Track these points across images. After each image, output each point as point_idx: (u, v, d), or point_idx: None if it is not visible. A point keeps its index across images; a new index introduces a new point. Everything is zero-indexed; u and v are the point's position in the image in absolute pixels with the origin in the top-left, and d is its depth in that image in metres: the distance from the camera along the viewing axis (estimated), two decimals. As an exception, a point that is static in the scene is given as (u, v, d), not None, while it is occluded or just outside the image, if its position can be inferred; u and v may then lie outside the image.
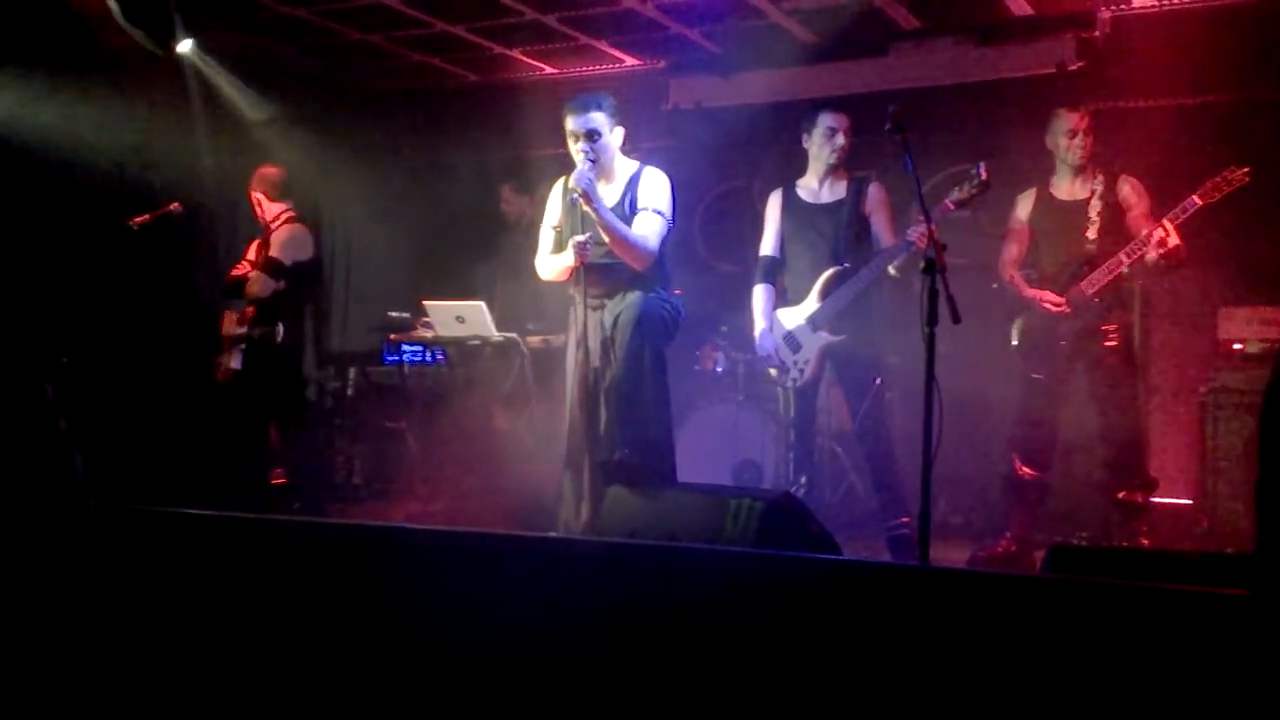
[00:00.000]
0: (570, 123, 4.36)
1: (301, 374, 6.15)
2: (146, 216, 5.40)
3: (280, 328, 5.48)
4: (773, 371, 5.00)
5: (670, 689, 2.65)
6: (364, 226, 7.73)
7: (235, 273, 5.69)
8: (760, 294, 5.07)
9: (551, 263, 4.53)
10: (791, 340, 4.92)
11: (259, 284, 5.50)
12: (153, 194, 5.61)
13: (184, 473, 5.54)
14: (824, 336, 4.82)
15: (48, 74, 5.53)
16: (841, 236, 4.85)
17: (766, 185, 6.73)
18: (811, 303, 4.87)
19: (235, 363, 5.47)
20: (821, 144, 4.92)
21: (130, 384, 5.71)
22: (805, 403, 4.94)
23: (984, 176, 4.44)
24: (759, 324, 5.04)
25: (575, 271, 4.35)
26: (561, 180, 4.61)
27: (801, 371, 4.88)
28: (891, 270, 4.69)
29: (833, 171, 4.94)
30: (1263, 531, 1.87)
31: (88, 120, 5.58)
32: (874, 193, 4.91)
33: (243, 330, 5.47)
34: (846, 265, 4.80)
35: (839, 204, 4.92)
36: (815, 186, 5.00)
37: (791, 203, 5.03)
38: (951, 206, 4.54)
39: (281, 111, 6.71)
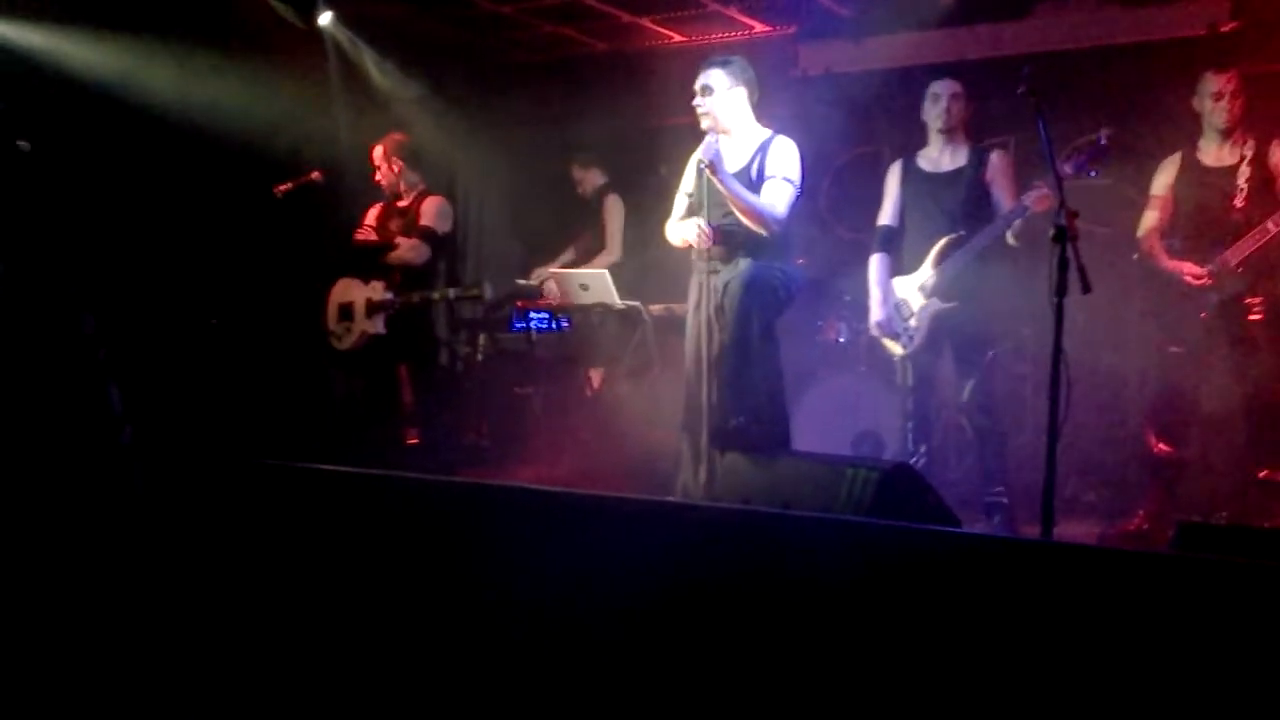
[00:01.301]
0: (695, 81, 4.48)
1: (436, 339, 6.34)
2: (289, 184, 5.61)
3: (488, 286, 5.66)
4: (887, 342, 4.96)
5: (781, 657, 2.67)
6: (497, 197, 7.88)
7: (365, 238, 5.79)
8: (876, 263, 5.05)
9: (677, 230, 4.60)
10: (904, 308, 4.89)
11: (415, 251, 5.64)
12: (295, 163, 5.82)
13: (325, 432, 5.79)
14: (935, 304, 4.78)
15: (193, 46, 5.77)
16: (960, 204, 4.79)
17: (895, 152, 6.63)
18: (926, 270, 4.83)
19: (379, 327, 5.64)
20: (928, 110, 4.93)
21: (273, 347, 5.97)
22: (920, 371, 4.90)
23: (1104, 143, 4.29)
24: (874, 293, 5.02)
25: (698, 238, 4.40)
26: (698, 151, 4.66)
27: (911, 339, 4.84)
28: (1010, 239, 4.60)
29: (947, 138, 4.89)
30: None
31: (231, 91, 5.83)
32: (996, 161, 4.83)
33: (389, 296, 5.63)
34: (963, 233, 4.73)
35: (959, 172, 4.86)
36: (935, 155, 4.97)
37: (911, 172, 5.00)
38: (1069, 171, 4.36)
39: (417, 85, 6.88)
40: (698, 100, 4.45)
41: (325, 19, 6.23)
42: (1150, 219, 4.81)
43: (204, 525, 3.15)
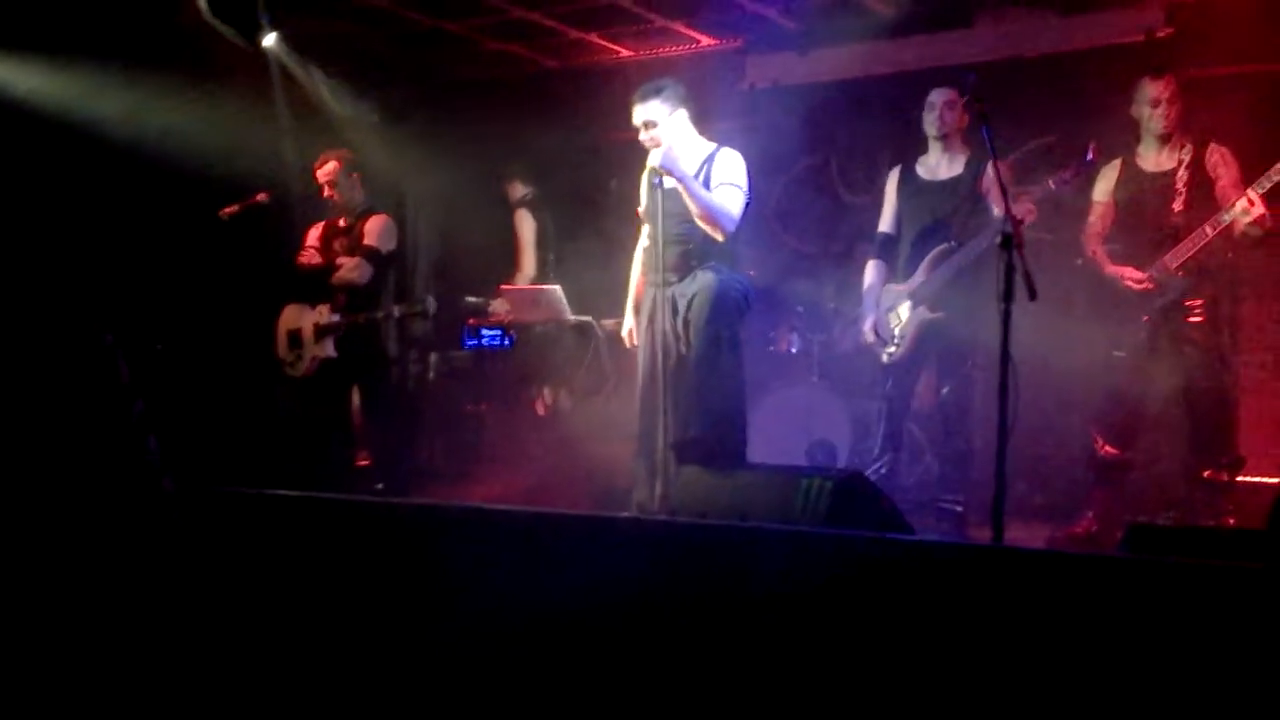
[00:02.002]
0: (633, 115, 4.49)
1: (387, 359, 6.29)
2: (235, 207, 5.55)
3: (431, 301, 5.60)
4: (878, 348, 4.98)
5: (740, 669, 2.67)
6: (445, 214, 7.84)
7: (309, 260, 5.74)
8: (871, 269, 5.11)
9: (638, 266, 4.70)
10: (892, 314, 4.94)
11: (359, 271, 5.60)
12: (239, 186, 5.76)
13: (273, 457, 5.71)
14: (923, 313, 4.83)
15: (136, 68, 5.70)
16: (955, 214, 4.84)
17: (845, 163, 6.68)
18: (917, 278, 4.88)
19: (329, 350, 5.58)
20: (925, 118, 4.98)
21: (220, 371, 5.89)
22: (900, 379, 4.95)
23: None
24: (866, 299, 5.07)
25: (647, 250, 4.42)
26: (648, 169, 4.67)
27: (897, 345, 4.87)
28: None
29: (944, 145, 4.95)
30: None
31: (176, 114, 5.76)
32: (991, 170, 4.87)
33: (335, 318, 5.58)
34: (955, 243, 4.78)
35: (955, 181, 4.91)
36: (933, 163, 5.02)
37: (908, 180, 5.05)
38: (1053, 186, 4.48)
39: (364, 104, 6.84)
40: (644, 136, 4.46)
41: (269, 40, 6.17)
42: (1092, 224, 4.88)
43: (158, 553, 3.10)
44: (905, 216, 5.02)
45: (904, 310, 4.90)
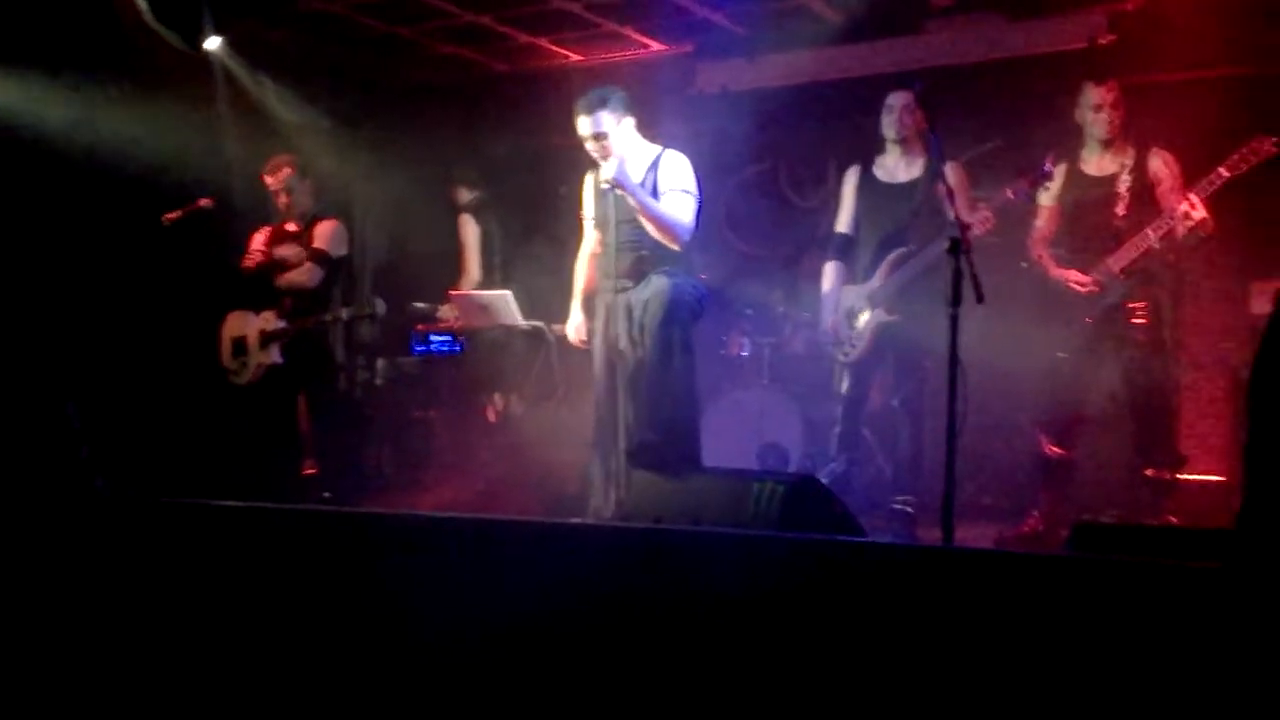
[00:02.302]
0: (578, 126, 4.44)
1: (334, 365, 6.22)
2: (178, 213, 5.47)
3: (379, 303, 5.49)
4: (836, 350, 5.00)
5: (694, 673, 2.66)
6: (394, 219, 7.78)
7: (255, 263, 5.66)
8: (829, 271, 5.12)
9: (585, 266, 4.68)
10: (851, 316, 4.97)
11: (308, 274, 5.55)
12: (183, 191, 5.68)
13: (218, 467, 5.62)
14: (881, 315, 4.86)
15: (78, 72, 5.60)
16: (913, 217, 4.87)
17: (794, 168, 6.71)
18: (875, 281, 4.90)
19: (275, 357, 5.51)
20: (883, 120, 5.00)
21: (163, 380, 5.79)
22: (857, 380, 4.98)
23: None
24: (824, 300, 5.08)
25: (600, 257, 4.42)
26: (590, 173, 4.66)
27: (854, 346, 4.90)
28: None
29: (903, 148, 4.97)
30: (1249, 497, 1.86)
31: (118, 118, 5.66)
32: (949, 173, 4.90)
33: (282, 324, 5.50)
34: (913, 247, 4.81)
35: (913, 184, 4.94)
36: (891, 165, 5.04)
37: (867, 182, 5.06)
38: (1011, 196, 4.52)
39: (311, 108, 6.77)
40: (594, 147, 4.42)
41: (213, 44, 6.08)
42: (1037, 227, 4.94)
43: (101, 564, 3.03)
44: (864, 218, 5.04)
45: (863, 312, 4.92)
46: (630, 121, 4.48)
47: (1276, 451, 1.86)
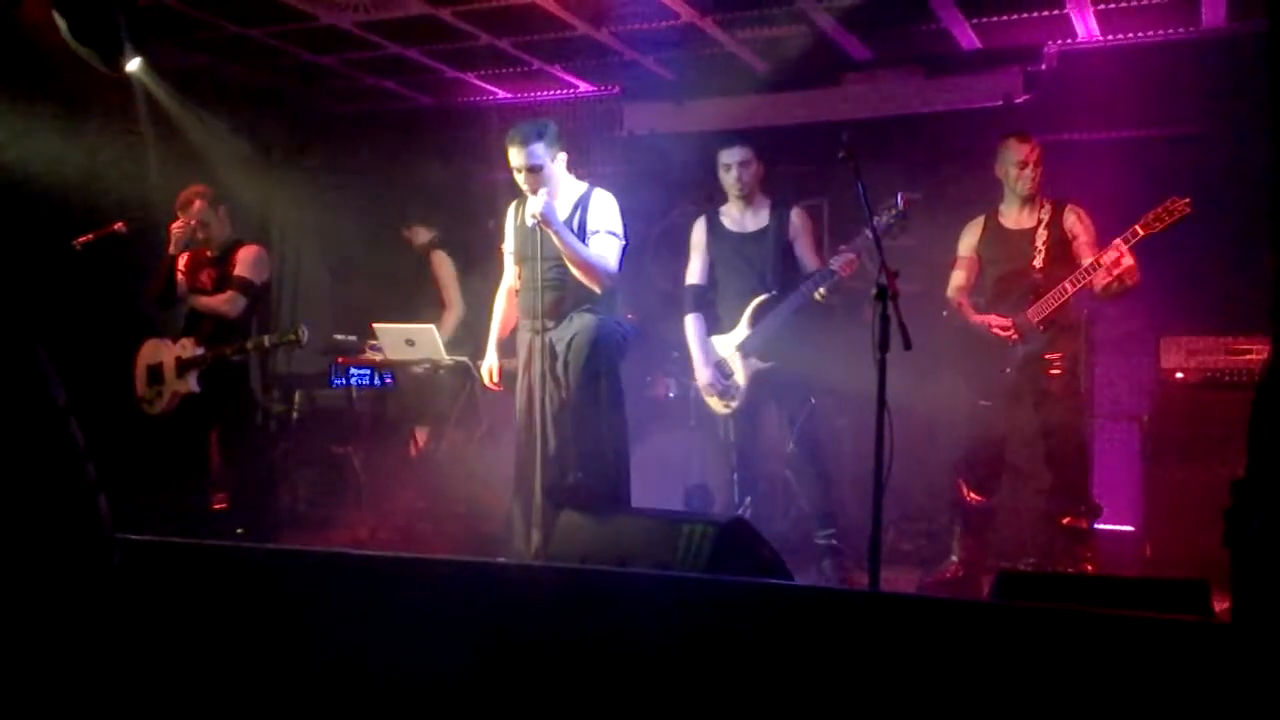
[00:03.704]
0: (512, 156, 4.41)
1: (251, 396, 6.06)
2: (90, 236, 5.31)
3: (304, 330, 5.32)
4: (713, 400, 5.05)
5: (621, 716, 2.62)
6: (312, 249, 7.66)
7: (157, 291, 5.51)
8: (692, 323, 5.12)
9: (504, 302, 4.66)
10: (724, 367, 5.00)
11: (231, 304, 5.44)
12: (100, 214, 5.51)
13: (126, 499, 5.41)
14: (754, 363, 4.91)
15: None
16: (768, 263, 4.94)
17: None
18: (741, 330, 4.94)
19: (191, 385, 5.35)
20: (722, 178, 5.08)
21: (75, 408, 5.56)
22: (743, 427, 5.02)
23: (902, 206, 4.50)
24: (695, 354, 5.09)
25: (521, 294, 4.39)
26: (514, 205, 4.64)
27: (735, 397, 4.93)
28: (817, 296, 4.75)
29: (746, 201, 5.03)
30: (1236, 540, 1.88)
31: (34, 139, 5.49)
32: (795, 219, 5.01)
33: (200, 351, 5.36)
34: (775, 293, 4.88)
35: (763, 231, 5.01)
36: (737, 215, 5.10)
37: (716, 231, 5.11)
38: (869, 235, 4.53)
39: (232, 133, 6.64)
40: (525, 179, 4.38)
41: (133, 65, 5.94)
42: (957, 278, 5.04)
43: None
44: (718, 266, 5.08)
45: (734, 361, 4.96)
46: (563, 157, 4.48)
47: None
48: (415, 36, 6.33)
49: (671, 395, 6.24)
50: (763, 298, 4.90)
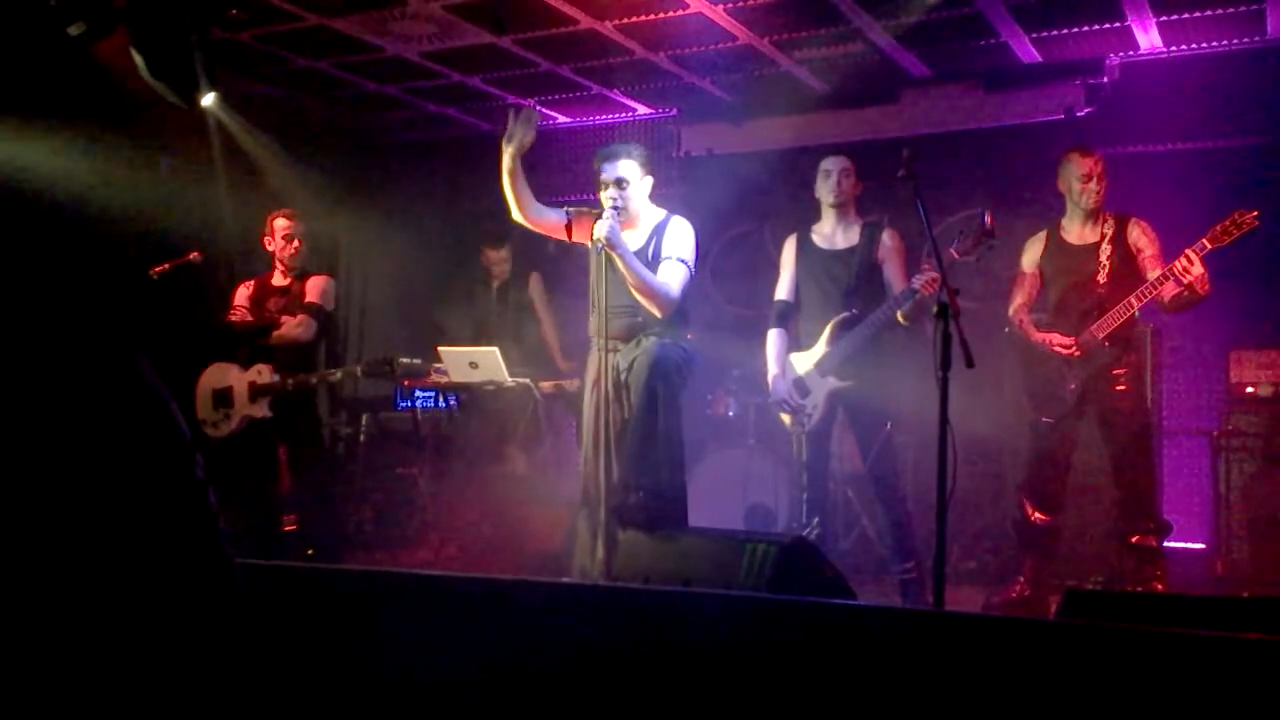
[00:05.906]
0: (602, 171, 4.43)
1: (320, 420, 6.19)
2: (166, 266, 5.46)
3: (400, 360, 5.45)
4: (785, 417, 5.02)
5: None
6: (380, 275, 7.80)
7: (243, 319, 5.65)
8: (773, 339, 5.10)
9: (535, 208, 4.57)
10: (801, 385, 4.96)
11: (304, 328, 5.56)
12: (174, 244, 5.67)
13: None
14: (831, 382, 4.86)
15: (71, 126, 5.61)
16: (854, 282, 4.89)
17: (777, 230, 6.79)
18: (820, 348, 4.90)
19: (263, 410, 5.48)
20: (819, 185, 5.04)
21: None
22: (817, 447, 4.96)
23: (988, 224, 4.45)
24: (771, 369, 5.06)
25: (591, 314, 4.42)
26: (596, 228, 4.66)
27: (810, 416, 4.91)
28: (900, 318, 4.71)
29: (839, 214, 5.01)
30: None
31: (110, 172, 5.66)
32: (887, 239, 4.95)
33: (276, 378, 5.48)
34: (855, 312, 4.83)
35: (852, 250, 4.96)
36: (828, 231, 5.05)
37: (806, 248, 5.08)
38: (956, 256, 4.54)
39: (302, 164, 6.80)
40: (612, 193, 4.37)
41: (208, 99, 6.13)
42: (1019, 294, 4.98)
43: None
44: (803, 283, 5.06)
45: (812, 380, 4.93)
46: (650, 181, 4.49)
47: None
48: (477, 65, 6.45)
49: (731, 414, 6.25)
50: (843, 316, 4.85)
